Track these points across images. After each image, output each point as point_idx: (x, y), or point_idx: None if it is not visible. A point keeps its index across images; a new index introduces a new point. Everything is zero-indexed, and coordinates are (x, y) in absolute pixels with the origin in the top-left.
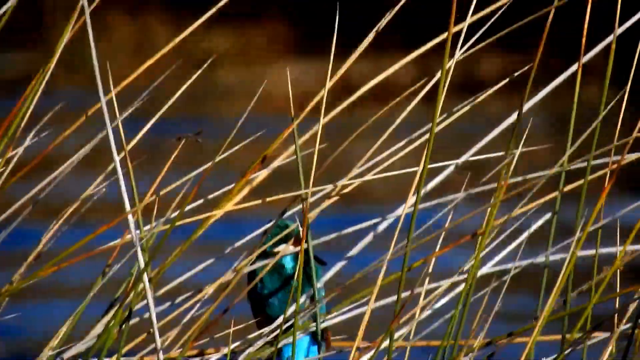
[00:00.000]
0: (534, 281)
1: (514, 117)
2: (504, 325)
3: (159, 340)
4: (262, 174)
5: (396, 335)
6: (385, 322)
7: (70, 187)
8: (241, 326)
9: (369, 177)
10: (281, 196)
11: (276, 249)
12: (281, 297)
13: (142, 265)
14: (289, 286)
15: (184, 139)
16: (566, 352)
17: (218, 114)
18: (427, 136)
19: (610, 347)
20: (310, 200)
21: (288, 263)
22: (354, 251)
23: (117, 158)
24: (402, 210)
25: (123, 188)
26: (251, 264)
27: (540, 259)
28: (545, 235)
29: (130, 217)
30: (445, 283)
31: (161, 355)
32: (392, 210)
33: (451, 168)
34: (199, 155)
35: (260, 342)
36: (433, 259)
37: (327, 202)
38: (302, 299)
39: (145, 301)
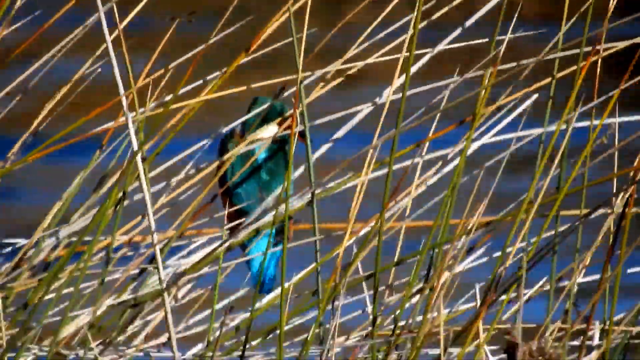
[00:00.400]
0: (531, 167)
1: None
2: (501, 210)
3: (152, 219)
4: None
5: (388, 214)
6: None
7: (62, 71)
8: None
9: (360, 63)
10: (272, 81)
11: (259, 132)
12: (248, 187)
13: (136, 146)
14: (258, 177)
15: (178, 19)
16: (561, 229)
17: None
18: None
19: (608, 225)
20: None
21: (261, 154)
22: (341, 131)
23: (109, 39)
24: (389, 91)
25: (116, 69)
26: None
27: (538, 131)
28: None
29: (123, 98)
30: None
31: (155, 237)
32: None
33: (439, 48)
34: (193, 39)
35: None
36: (427, 144)
37: (318, 88)
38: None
39: (137, 183)
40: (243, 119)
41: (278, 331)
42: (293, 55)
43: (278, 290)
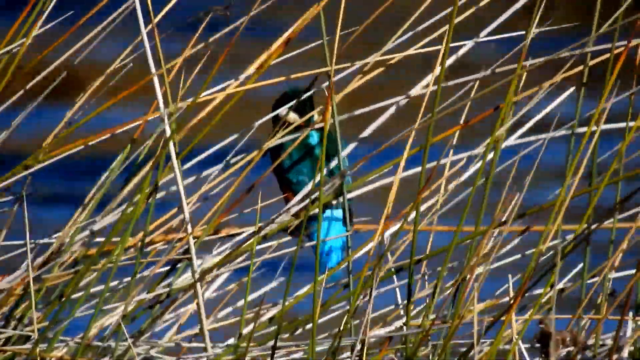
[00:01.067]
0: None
1: None
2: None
3: (187, 211)
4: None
5: (423, 207)
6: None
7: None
8: (268, 202)
9: (396, 55)
10: (306, 73)
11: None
12: (307, 172)
13: (169, 132)
14: (314, 160)
15: (212, 12)
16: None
17: None
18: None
19: None
20: (336, 78)
21: (313, 137)
22: (373, 126)
23: (144, 30)
24: (429, 83)
25: (150, 58)
26: (275, 138)
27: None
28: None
29: (157, 85)
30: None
31: (189, 228)
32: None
33: (470, 44)
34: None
35: (285, 217)
36: (457, 131)
37: (355, 81)
38: (326, 171)
39: (172, 174)
40: (287, 106)
41: (311, 323)
42: (329, 44)
43: (310, 284)
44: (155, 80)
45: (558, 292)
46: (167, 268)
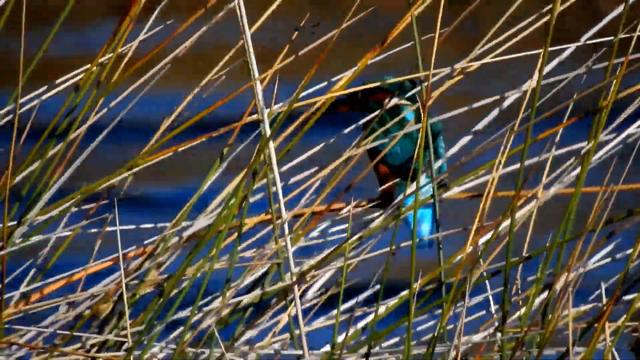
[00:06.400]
0: None
1: None
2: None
3: (284, 212)
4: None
5: (518, 214)
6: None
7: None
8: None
9: (487, 59)
10: (401, 78)
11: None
12: (404, 146)
13: (268, 132)
14: (410, 135)
15: (305, 28)
16: None
17: None
18: (547, 18)
19: None
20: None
21: (409, 115)
22: (479, 125)
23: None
24: (529, 83)
25: (254, 60)
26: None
27: None
28: None
29: (259, 87)
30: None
31: (286, 227)
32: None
33: (572, 48)
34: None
35: (380, 219)
36: (560, 130)
37: (449, 83)
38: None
39: (264, 180)
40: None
41: (405, 333)
42: (422, 45)
43: (403, 293)
44: (258, 84)
45: None
46: (264, 270)
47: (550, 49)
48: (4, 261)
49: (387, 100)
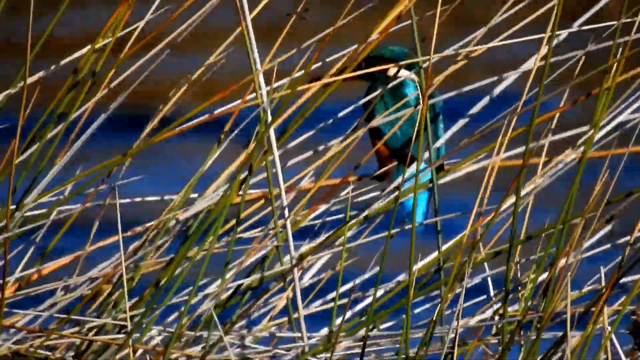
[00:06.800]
0: None
1: None
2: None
3: (284, 192)
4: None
5: (522, 193)
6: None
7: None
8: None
9: (492, 44)
10: (400, 63)
11: (398, 74)
12: (403, 127)
13: (270, 119)
14: (412, 121)
15: (293, 15)
16: None
17: None
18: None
19: None
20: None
21: (409, 86)
22: (476, 108)
23: (250, 27)
24: (535, 60)
25: (254, 47)
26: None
27: None
28: None
29: (260, 76)
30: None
31: (286, 212)
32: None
33: (568, 31)
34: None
35: (379, 201)
36: (557, 114)
37: (451, 69)
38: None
39: (264, 163)
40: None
41: (404, 315)
42: (421, 30)
43: (402, 276)
44: (261, 76)
45: None
46: (263, 253)
47: (547, 35)
48: (7, 245)
49: (391, 68)
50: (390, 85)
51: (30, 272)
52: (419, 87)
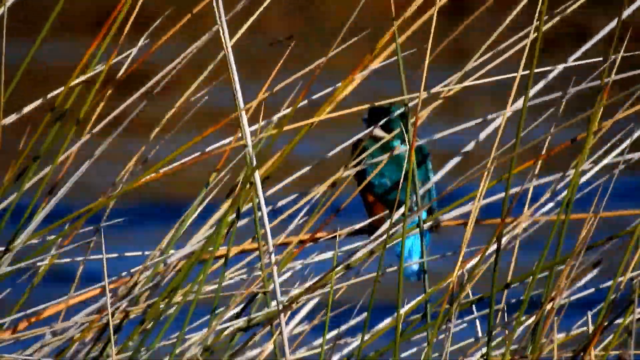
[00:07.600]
0: None
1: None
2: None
3: (270, 241)
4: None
5: (504, 239)
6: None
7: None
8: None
9: (470, 82)
10: (388, 100)
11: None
12: (390, 173)
13: (254, 162)
14: (399, 166)
15: (277, 43)
16: None
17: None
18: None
19: None
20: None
21: (401, 146)
22: (469, 146)
23: (232, 62)
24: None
25: (238, 87)
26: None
27: None
28: None
29: (244, 114)
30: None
31: (273, 257)
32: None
33: (556, 72)
34: (302, 63)
35: (367, 248)
36: (539, 162)
37: (435, 104)
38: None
39: (250, 204)
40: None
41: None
42: (413, 63)
43: (388, 320)
44: (243, 114)
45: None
46: (248, 300)
47: (535, 70)
48: None
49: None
50: (379, 144)
51: (28, 316)
52: (403, 129)
